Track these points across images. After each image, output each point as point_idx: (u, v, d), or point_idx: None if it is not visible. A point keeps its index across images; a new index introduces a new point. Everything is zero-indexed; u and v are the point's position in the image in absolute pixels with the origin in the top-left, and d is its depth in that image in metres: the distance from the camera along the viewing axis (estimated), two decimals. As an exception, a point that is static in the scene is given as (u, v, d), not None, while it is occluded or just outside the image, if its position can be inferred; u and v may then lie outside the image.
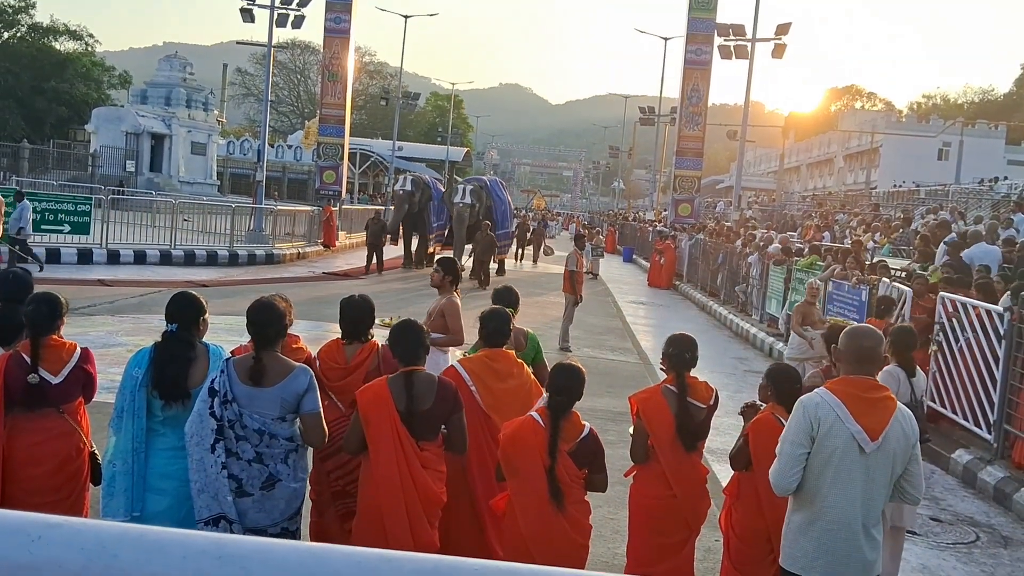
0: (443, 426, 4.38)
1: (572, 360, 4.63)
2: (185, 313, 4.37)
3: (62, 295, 4.71)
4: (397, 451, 4.20)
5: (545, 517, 4.27)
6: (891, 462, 3.73)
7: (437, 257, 7.98)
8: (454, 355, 6.59)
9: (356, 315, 5.11)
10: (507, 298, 5.92)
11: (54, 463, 4.43)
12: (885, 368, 5.97)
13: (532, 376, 5.09)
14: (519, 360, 5.09)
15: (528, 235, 34.57)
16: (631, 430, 5.00)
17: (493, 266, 24.73)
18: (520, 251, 33.46)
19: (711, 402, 4.83)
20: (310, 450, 4.43)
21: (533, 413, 4.43)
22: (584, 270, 29.46)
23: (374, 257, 23.70)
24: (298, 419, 4.17)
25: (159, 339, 4.37)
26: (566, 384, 4.40)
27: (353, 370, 4.95)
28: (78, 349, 4.59)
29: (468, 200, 23.92)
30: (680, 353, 4.83)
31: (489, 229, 22.98)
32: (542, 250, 33.05)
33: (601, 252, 31.34)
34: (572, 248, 15.77)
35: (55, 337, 4.55)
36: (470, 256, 23.00)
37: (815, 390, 3.89)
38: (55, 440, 4.44)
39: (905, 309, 10.65)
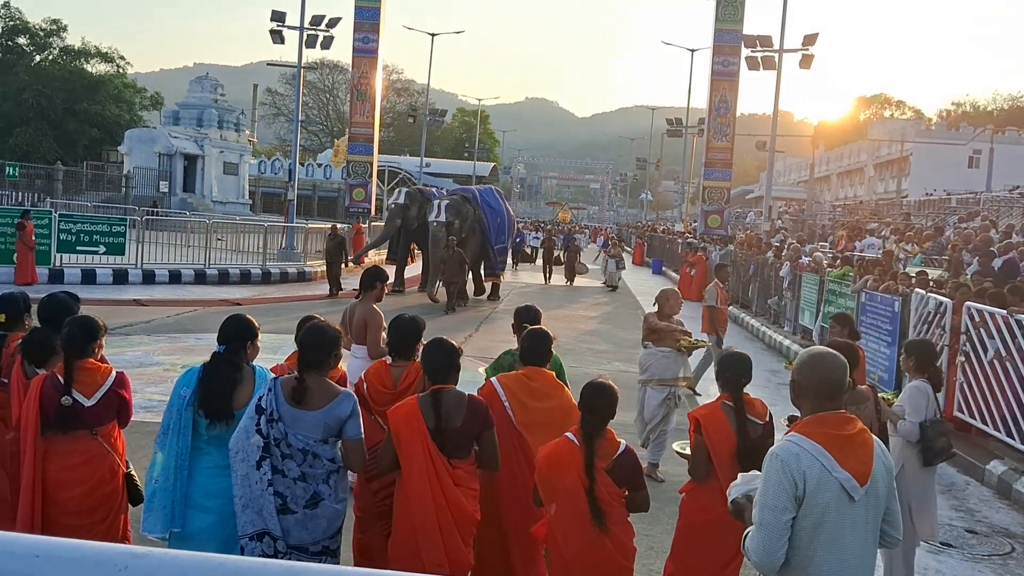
0: (475, 444, 4.39)
1: (604, 378, 4.64)
2: (235, 336, 4.48)
3: (99, 318, 4.81)
4: (428, 469, 4.22)
5: (588, 539, 4.24)
6: (880, 505, 3.21)
7: (368, 268, 7.67)
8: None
9: (400, 334, 5.19)
10: (525, 316, 5.81)
11: (88, 485, 4.54)
12: (914, 383, 5.84)
13: (574, 404, 4.93)
14: (560, 383, 5.05)
15: (556, 252, 32.21)
16: (676, 446, 5.00)
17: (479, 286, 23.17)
18: (547, 269, 31.10)
19: (767, 419, 4.86)
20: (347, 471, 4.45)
21: (568, 434, 4.42)
22: (610, 284, 29.20)
23: (335, 277, 21.82)
24: (340, 442, 4.22)
25: (207, 359, 4.47)
26: (598, 403, 4.39)
27: (401, 394, 4.96)
28: (113, 373, 4.69)
29: (443, 218, 21.25)
30: (737, 379, 4.86)
31: (456, 245, 20.41)
32: (576, 268, 30.71)
33: (623, 264, 30.51)
34: (713, 281, 13.47)
35: (91, 361, 4.65)
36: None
37: (787, 437, 3.23)
38: (89, 463, 4.55)
39: (946, 320, 10.45)
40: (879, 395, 5.95)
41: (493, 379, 4.97)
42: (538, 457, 4.48)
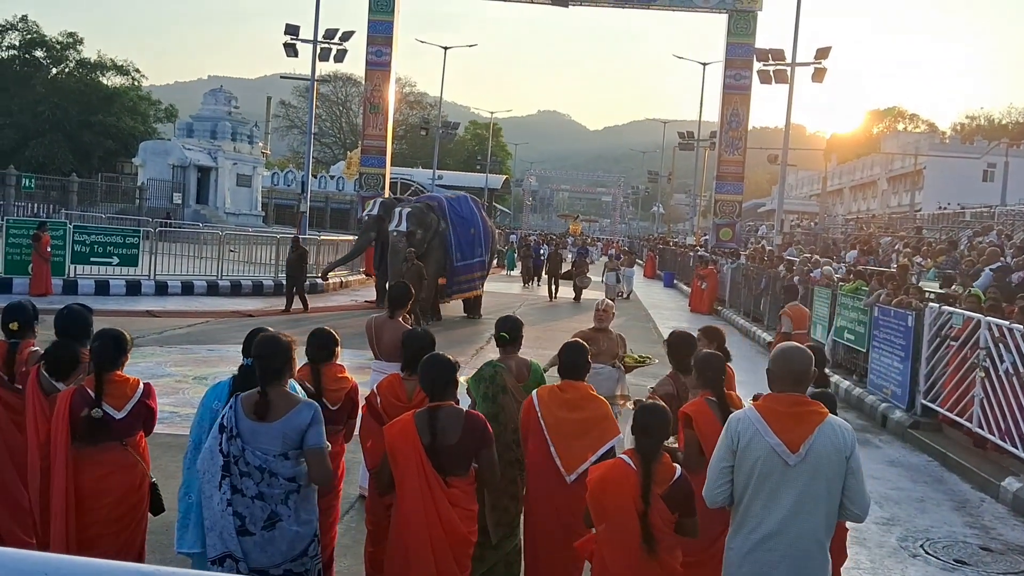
0: (474, 461, 4.33)
1: (653, 399, 4.63)
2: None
3: (127, 331, 4.86)
4: (423, 487, 4.16)
5: (637, 563, 4.14)
6: (822, 476, 3.79)
7: (395, 284, 7.64)
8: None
9: (415, 348, 5.18)
10: (502, 326, 5.75)
11: (117, 494, 4.59)
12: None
13: (611, 415, 5.04)
14: (597, 396, 5.10)
15: (562, 266, 30.35)
16: (671, 441, 5.05)
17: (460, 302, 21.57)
18: (553, 284, 28.98)
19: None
20: (316, 492, 4.27)
21: (623, 456, 4.32)
22: (608, 297, 28.43)
23: (294, 293, 20.41)
24: (303, 457, 4.10)
25: (235, 372, 4.50)
26: (652, 423, 4.26)
27: (415, 407, 4.85)
28: (141, 385, 4.73)
29: (404, 227, 19.53)
30: (717, 376, 5.03)
31: (417, 258, 18.80)
32: (581, 282, 28.61)
33: (623, 277, 29.37)
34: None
35: (119, 373, 4.70)
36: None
37: (744, 408, 4.07)
38: (120, 472, 4.60)
39: (979, 334, 10.28)
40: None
41: (533, 392, 5.05)
42: (590, 478, 4.37)
